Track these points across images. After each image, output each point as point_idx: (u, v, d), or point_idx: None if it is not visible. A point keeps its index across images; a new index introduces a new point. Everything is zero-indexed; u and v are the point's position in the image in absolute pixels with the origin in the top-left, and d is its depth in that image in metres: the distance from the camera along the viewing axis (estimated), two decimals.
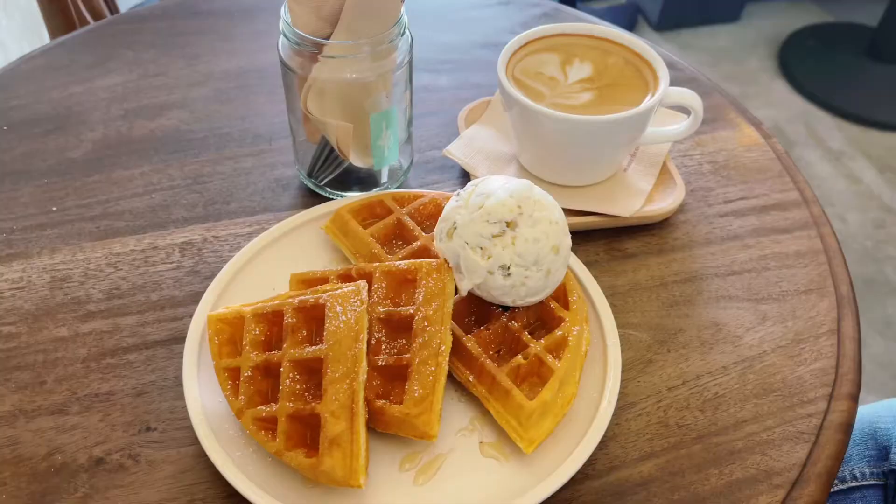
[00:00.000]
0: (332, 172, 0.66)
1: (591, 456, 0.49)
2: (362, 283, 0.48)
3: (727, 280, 0.61)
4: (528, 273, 0.49)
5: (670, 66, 0.81)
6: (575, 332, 0.51)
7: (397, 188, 0.67)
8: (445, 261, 0.50)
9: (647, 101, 0.61)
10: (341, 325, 0.46)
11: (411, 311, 0.49)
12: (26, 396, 0.53)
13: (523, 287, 0.49)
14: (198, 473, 0.49)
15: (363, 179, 0.66)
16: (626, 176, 0.67)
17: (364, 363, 0.46)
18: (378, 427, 0.48)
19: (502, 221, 0.49)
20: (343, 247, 0.59)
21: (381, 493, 0.47)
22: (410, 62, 0.61)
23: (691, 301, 0.59)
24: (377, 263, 0.52)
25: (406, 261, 0.51)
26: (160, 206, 0.65)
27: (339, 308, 0.47)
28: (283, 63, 0.59)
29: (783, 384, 0.54)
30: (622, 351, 0.56)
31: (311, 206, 0.62)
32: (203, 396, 0.50)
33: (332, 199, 0.65)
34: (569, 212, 0.63)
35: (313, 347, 0.46)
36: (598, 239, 0.64)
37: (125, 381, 0.53)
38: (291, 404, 0.46)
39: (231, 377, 0.49)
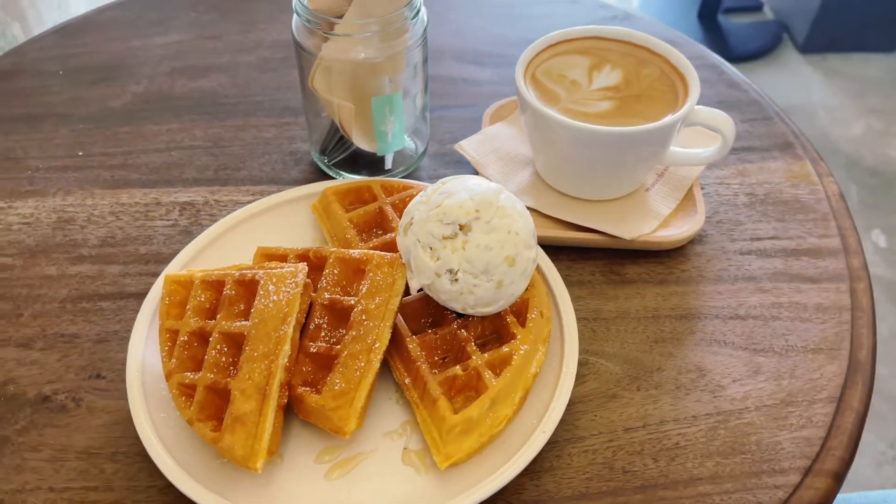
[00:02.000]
0: (342, 153, 0.65)
1: (519, 485, 0.46)
2: (301, 266, 0.47)
3: (727, 324, 0.55)
4: (476, 282, 0.46)
5: (733, 84, 0.75)
6: (522, 352, 0.47)
7: (404, 176, 0.65)
8: (400, 256, 0.49)
9: (668, 118, 0.56)
10: (270, 305, 0.45)
11: (353, 301, 0.48)
12: (0, 326, 0.55)
13: (471, 295, 0.47)
14: (127, 427, 0.49)
15: (373, 163, 0.65)
16: (647, 196, 0.62)
17: (287, 346, 0.45)
18: (300, 414, 0.47)
19: (456, 223, 0.46)
20: (324, 227, 0.58)
21: (287, 480, 0.46)
22: (424, 46, 0.60)
23: (680, 340, 0.54)
24: (334, 249, 0.51)
25: (361, 251, 0.50)
26: (175, 164, 0.67)
27: (271, 287, 0.46)
28: (294, 41, 0.59)
29: (756, 447, 0.48)
30: (587, 381, 0.52)
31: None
32: (146, 354, 0.50)
33: (335, 178, 0.65)
34: (570, 226, 0.60)
35: (240, 323, 0.46)
36: (598, 258, 0.60)
37: (91, 327, 0.55)
38: (212, 376, 0.46)
39: (171, 339, 0.49)
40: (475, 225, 0.46)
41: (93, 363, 0.53)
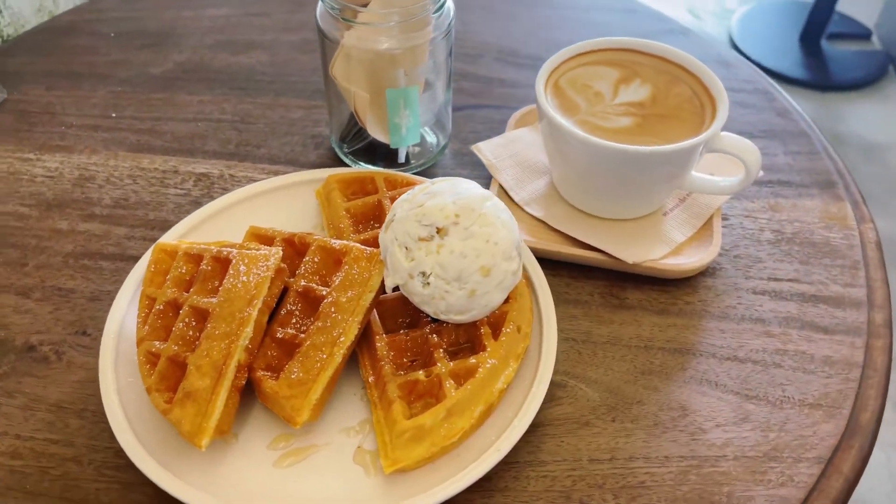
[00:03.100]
0: (360, 142, 0.65)
1: (468, 501, 0.45)
2: (275, 250, 0.47)
3: (723, 364, 0.52)
4: (448, 288, 0.45)
5: (782, 113, 0.71)
6: (488, 365, 0.46)
7: (421, 171, 0.64)
8: (380, 252, 0.48)
9: (685, 142, 0.53)
10: (238, 285, 0.45)
11: (325, 292, 0.47)
12: (4, 271, 0.57)
13: (442, 301, 0.45)
14: (98, 387, 0.50)
15: (390, 155, 0.64)
16: (663, 220, 0.60)
17: (249, 328, 0.45)
18: (259, 398, 0.47)
19: (433, 226, 0.45)
20: (324, 214, 0.57)
21: (237, 461, 0.46)
22: (449, 39, 0.59)
23: (668, 375, 0.52)
24: (317, 237, 0.50)
25: (341, 241, 0.49)
26: (199, 135, 0.68)
27: (242, 267, 0.46)
28: (318, 27, 0.58)
29: (726, 499, 0.46)
30: (562, 404, 0.50)
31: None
32: (127, 318, 0.51)
33: (351, 166, 0.64)
34: (575, 242, 0.58)
35: (208, 299, 0.46)
36: (600, 279, 0.57)
37: (87, 284, 0.56)
38: (176, 348, 0.46)
39: (148, 306, 0.49)
40: (453, 230, 0.45)
41: (81, 320, 0.54)
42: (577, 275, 0.58)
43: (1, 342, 0.53)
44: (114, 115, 0.70)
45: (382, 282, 0.48)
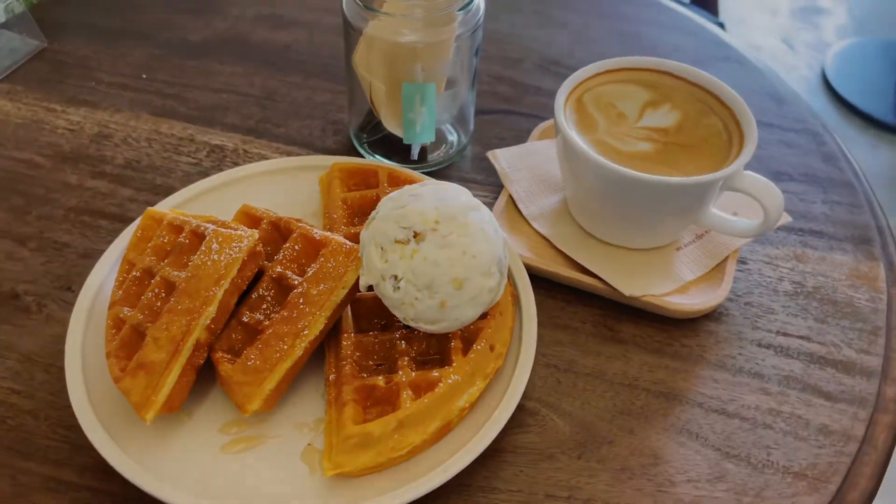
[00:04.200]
0: (377, 134, 0.63)
1: None
2: (251, 233, 0.46)
3: (709, 416, 0.49)
4: (418, 295, 0.43)
5: (829, 158, 0.67)
6: (450, 381, 0.44)
7: (436, 170, 0.63)
8: (359, 249, 0.46)
9: (700, 177, 0.50)
10: (208, 263, 0.44)
11: (297, 282, 0.46)
12: (7, 216, 0.58)
13: (412, 308, 0.44)
14: None
15: (406, 150, 0.62)
16: (675, 255, 0.56)
17: (212, 308, 0.44)
18: (218, 380, 0.46)
19: (411, 229, 0.43)
20: (322, 201, 0.56)
21: (185, 439, 0.45)
22: (475, 38, 0.57)
23: (647, 418, 0.49)
24: (301, 224, 0.49)
25: (323, 232, 0.48)
26: (221, 107, 0.68)
27: (215, 245, 0.45)
28: (343, 14, 0.57)
29: None
30: (529, 432, 0.48)
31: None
32: (108, 280, 0.51)
33: (365, 157, 0.63)
34: (576, 265, 0.55)
35: (177, 273, 0.45)
36: (596, 307, 0.55)
37: (82, 241, 0.57)
38: (141, 317, 0.45)
39: (127, 271, 0.49)
40: (430, 236, 0.43)
41: (69, 275, 0.55)
42: (574, 300, 0.55)
43: None
44: (144, 76, 0.70)
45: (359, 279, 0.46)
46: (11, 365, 0.49)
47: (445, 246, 0.43)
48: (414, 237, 0.43)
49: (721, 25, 1.48)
